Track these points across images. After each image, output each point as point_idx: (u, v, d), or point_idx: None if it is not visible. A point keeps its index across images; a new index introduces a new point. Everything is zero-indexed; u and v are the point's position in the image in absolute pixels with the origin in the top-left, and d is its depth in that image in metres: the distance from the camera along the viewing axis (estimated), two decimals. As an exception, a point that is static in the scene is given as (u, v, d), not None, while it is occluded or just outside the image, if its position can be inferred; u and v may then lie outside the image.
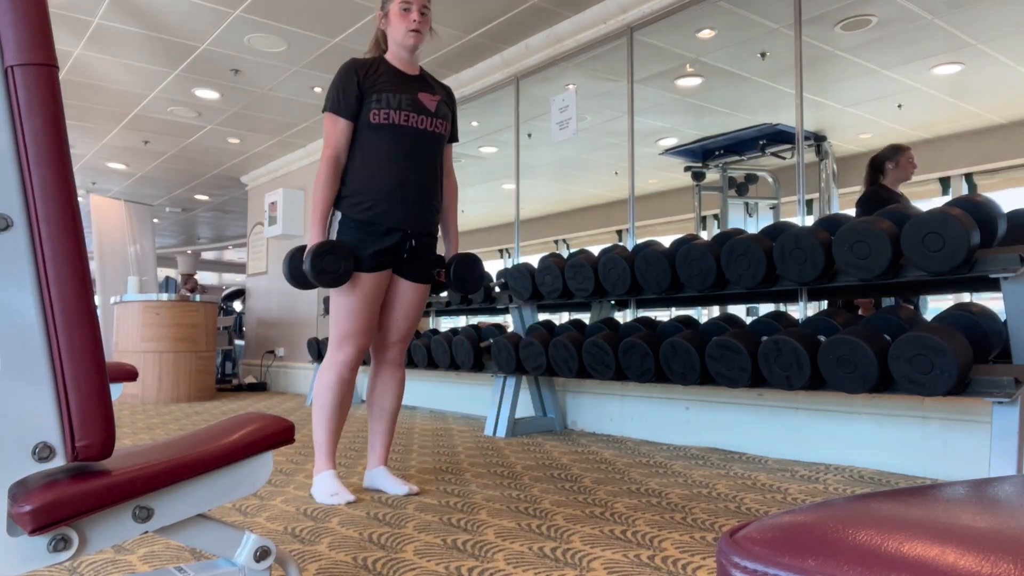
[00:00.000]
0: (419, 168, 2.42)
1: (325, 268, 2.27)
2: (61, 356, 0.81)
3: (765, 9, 3.83)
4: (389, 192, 2.37)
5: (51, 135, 0.81)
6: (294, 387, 7.56)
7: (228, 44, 4.83)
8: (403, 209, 2.39)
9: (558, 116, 4.64)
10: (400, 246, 2.43)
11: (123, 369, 1.73)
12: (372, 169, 2.37)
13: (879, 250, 2.40)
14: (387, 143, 2.38)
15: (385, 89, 2.38)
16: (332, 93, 2.40)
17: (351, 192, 2.39)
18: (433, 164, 2.48)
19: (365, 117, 2.38)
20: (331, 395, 2.41)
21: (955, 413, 2.68)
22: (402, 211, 2.39)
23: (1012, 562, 0.33)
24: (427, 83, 2.51)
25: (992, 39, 3.85)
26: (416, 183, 2.42)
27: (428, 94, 2.46)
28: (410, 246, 2.46)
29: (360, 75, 2.39)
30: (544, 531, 1.97)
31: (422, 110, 2.42)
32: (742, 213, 4.69)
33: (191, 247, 14.25)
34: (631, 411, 3.90)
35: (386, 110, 2.36)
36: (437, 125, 2.47)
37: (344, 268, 2.30)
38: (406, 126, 2.39)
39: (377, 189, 2.37)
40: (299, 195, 7.63)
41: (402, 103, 2.38)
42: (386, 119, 2.37)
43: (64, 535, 0.84)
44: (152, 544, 1.87)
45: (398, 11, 2.40)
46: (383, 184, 2.37)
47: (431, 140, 2.46)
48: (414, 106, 2.40)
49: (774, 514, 0.43)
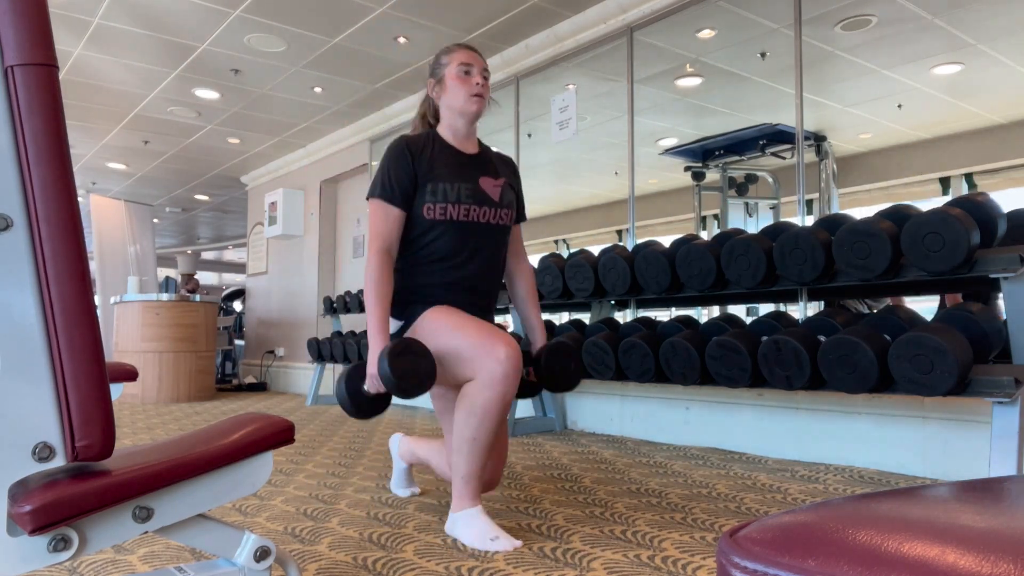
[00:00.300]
0: (478, 269, 2.06)
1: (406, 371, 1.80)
2: (61, 356, 0.81)
3: (765, 9, 3.83)
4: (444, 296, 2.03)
5: (51, 135, 0.81)
6: (294, 387, 7.56)
7: (228, 44, 4.83)
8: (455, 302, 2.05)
9: (558, 116, 4.65)
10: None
11: (123, 369, 1.73)
12: (423, 268, 2.04)
13: (879, 250, 2.40)
14: (443, 241, 2.01)
15: (442, 177, 2.01)
16: (380, 177, 2.01)
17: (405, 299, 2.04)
18: (495, 260, 2.11)
19: (418, 211, 2.00)
20: (492, 420, 1.84)
21: (955, 413, 2.68)
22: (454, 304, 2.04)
23: (1012, 562, 0.33)
24: (489, 163, 2.14)
25: (992, 39, 3.85)
26: (474, 287, 2.07)
27: (491, 178, 2.09)
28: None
29: (414, 156, 2.02)
30: (544, 531, 1.97)
31: (484, 201, 2.04)
32: (742, 213, 4.69)
33: (191, 247, 14.25)
34: (631, 411, 3.90)
35: (443, 204, 1.99)
36: (502, 216, 2.09)
37: (426, 368, 1.83)
38: (466, 221, 2.02)
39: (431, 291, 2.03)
40: (299, 195, 7.63)
41: (461, 195, 2.01)
42: (442, 215, 1.99)
43: (64, 535, 0.84)
44: (152, 544, 1.87)
45: (457, 74, 2.05)
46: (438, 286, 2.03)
47: (494, 233, 2.08)
48: (475, 197, 2.03)
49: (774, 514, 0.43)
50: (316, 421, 4.73)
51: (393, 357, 1.79)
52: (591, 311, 4.22)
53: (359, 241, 6.99)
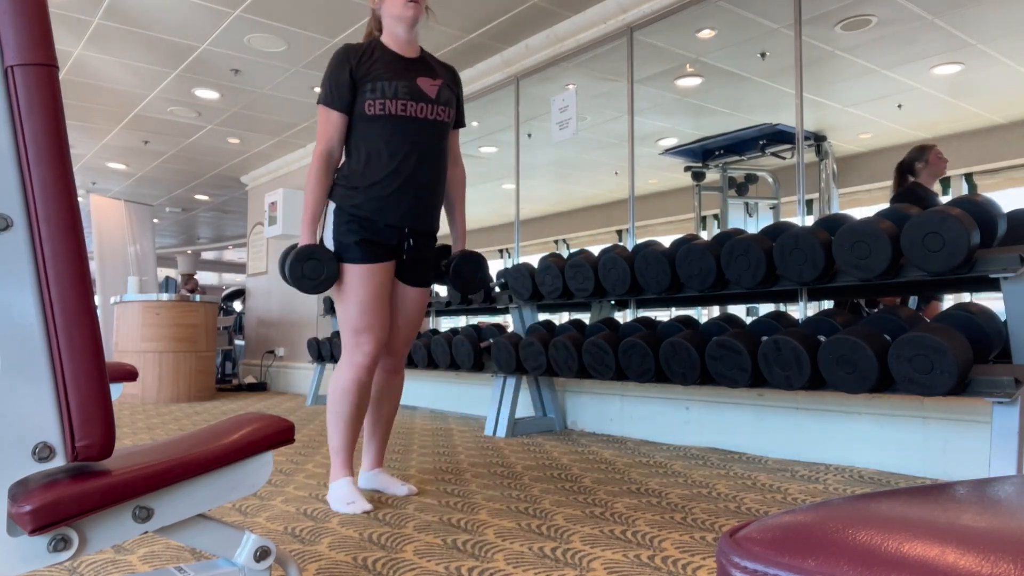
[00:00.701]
0: (419, 162, 2.23)
1: (306, 274, 2.12)
2: (61, 356, 0.81)
3: (765, 9, 3.83)
4: (385, 189, 2.20)
5: (51, 135, 0.81)
6: (294, 387, 7.56)
7: (228, 44, 4.83)
8: (400, 207, 2.22)
9: (558, 116, 4.64)
10: (398, 246, 2.28)
11: (123, 369, 1.73)
12: (367, 164, 2.21)
13: (879, 250, 2.40)
14: (383, 135, 2.19)
15: (380, 76, 2.19)
16: (324, 83, 2.23)
17: (345, 186, 2.23)
18: (436, 156, 2.28)
19: (360, 108, 2.20)
20: (348, 400, 2.24)
21: (955, 413, 2.68)
22: (399, 209, 2.22)
23: (1012, 562, 0.33)
24: (427, 66, 2.31)
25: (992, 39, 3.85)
26: (415, 179, 2.23)
27: (428, 79, 2.26)
28: (408, 246, 2.30)
29: (353, 63, 2.20)
30: (544, 531, 1.97)
31: (421, 97, 2.22)
32: (742, 213, 4.69)
33: (191, 247, 14.25)
34: (631, 411, 3.90)
35: (381, 100, 2.17)
36: (439, 112, 2.26)
37: (327, 273, 2.15)
38: (403, 116, 2.20)
39: (372, 185, 2.20)
40: (299, 195, 7.63)
41: (398, 91, 2.19)
42: (381, 110, 2.18)
43: (64, 535, 0.84)
44: (152, 544, 1.87)
45: None
46: (379, 180, 2.20)
47: (432, 130, 2.26)
48: (412, 93, 2.20)
49: (774, 514, 0.43)
50: (316, 421, 4.73)
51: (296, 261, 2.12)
52: (591, 311, 4.22)
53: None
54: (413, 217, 2.26)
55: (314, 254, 2.14)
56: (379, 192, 2.21)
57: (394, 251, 2.28)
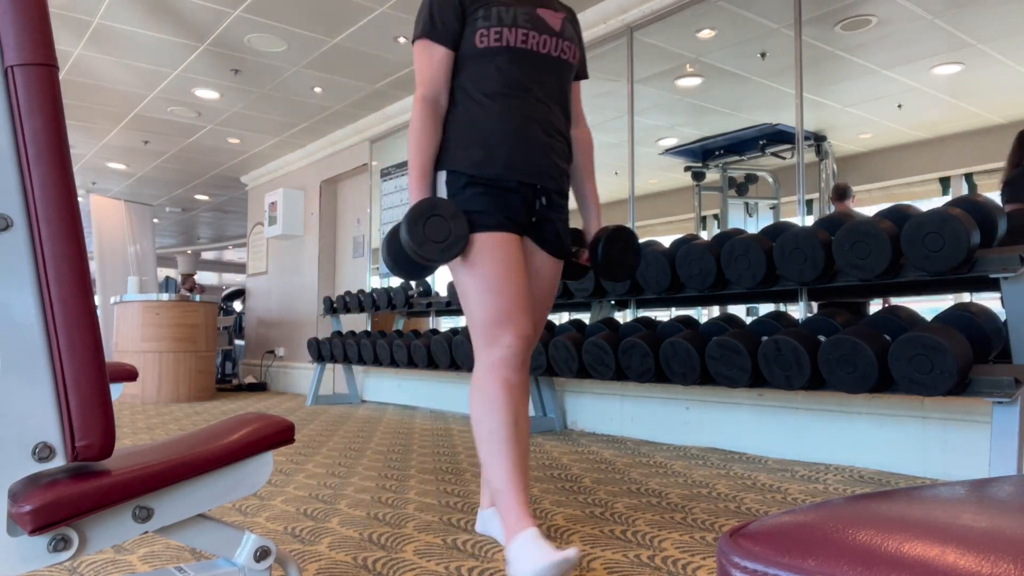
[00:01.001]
0: (546, 104, 1.81)
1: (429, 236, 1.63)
2: (61, 356, 0.81)
3: (765, 9, 3.83)
4: (506, 136, 1.75)
5: (51, 135, 0.81)
6: (294, 387, 7.56)
7: (228, 44, 4.83)
8: (527, 158, 1.77)
9: (558, 116, 4.63)
10: (529, 207, 1.79)
11: (123, 369, 1.73)
12: (482, 108, 1.77)
13: (879, 250, 2.40)
14: (501, 72, 1.76)
15: (496, 1, 1.77)
16: (423, 14, 1.80)
17: (456, 142, 1.77)
18: (563, 99, 1.87)
19: (469, 42, 1.76)
20: (500, 415, 1.63)
21: (955, 413, 2.68)
22: (526, 160, 1.77)
23: (1012, 562, 0.33)
24: None
25: (992, 39, 3.85)
26: (543, 123, 1.80)
27: (550, 10, 1.84)
28: (540, 205, 1.82)
29: None
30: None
31: (544, 28, 1.79)
32: (742, 213, 4.69)
33: (191, 247, 14.25)
34: (631, 411, 3.90)
35: (498, 28, 1.74)
36: (564, 49, 1.83)
37: (455, 232, 1.66)
38: (524, 49, 1.77)
39: (490, 133, 1.75)
40: (299, 195, 7.63)
41: (518, 18, 1.76)
42: (497, 40, 1.74)
43: (64, 535, 0.84)
44: (152, 544, 1.87)
45: None
46: (498, 126, 1.75)
47: (558, 68, 1.83)
48: (533, 23, 1.78)
49: (774, 514, 0.43)
50: (316, 421, 4.73)
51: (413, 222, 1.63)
52: (591, 311, 4.22)
53: (359, 241, 6.99)
54: (544, 171, 1.81)
55: (435, 209, 1.66)
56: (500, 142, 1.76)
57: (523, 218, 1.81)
